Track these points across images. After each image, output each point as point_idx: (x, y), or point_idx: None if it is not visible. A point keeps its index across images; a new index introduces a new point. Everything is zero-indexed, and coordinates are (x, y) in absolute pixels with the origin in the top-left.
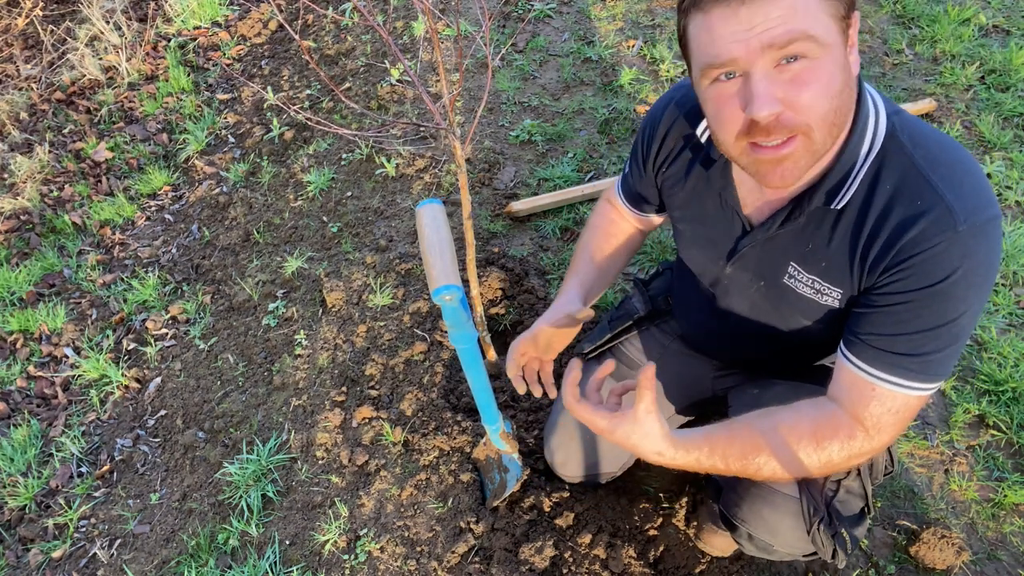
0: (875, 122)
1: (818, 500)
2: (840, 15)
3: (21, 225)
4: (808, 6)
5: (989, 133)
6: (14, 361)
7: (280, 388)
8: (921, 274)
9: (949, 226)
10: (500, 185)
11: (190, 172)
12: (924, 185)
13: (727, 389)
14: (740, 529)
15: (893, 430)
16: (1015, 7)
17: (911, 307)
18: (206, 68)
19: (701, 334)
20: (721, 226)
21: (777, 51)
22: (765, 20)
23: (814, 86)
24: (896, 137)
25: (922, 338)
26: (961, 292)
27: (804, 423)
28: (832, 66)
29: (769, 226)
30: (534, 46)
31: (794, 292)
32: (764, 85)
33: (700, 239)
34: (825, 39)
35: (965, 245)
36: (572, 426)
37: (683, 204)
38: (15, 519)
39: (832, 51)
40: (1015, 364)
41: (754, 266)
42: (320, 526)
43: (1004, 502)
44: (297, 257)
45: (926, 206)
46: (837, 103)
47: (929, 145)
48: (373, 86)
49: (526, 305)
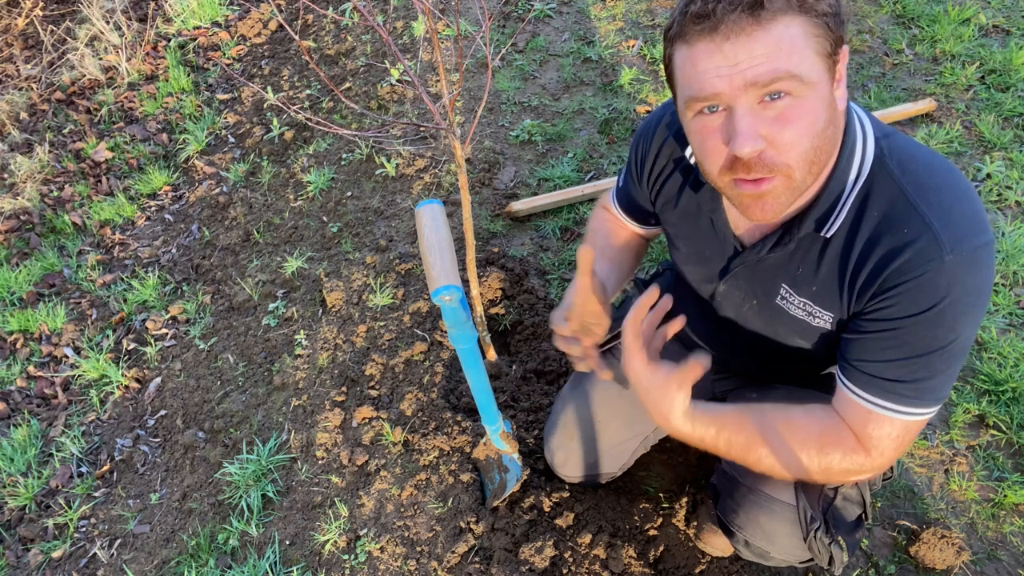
0: (863, 147)
1: (815, 507)
2: (826, 52)
3: (21, 225)
4: (793, 44)
5: (989, 133)
6: (14, 361)
7: (280, 388)
8: (908, 302)
9: (935, 255)
10: (500, 185)
11: (190, 172)
12: (911, 213)
13: (726, 392)
14: (737, 535)
15: (894, 453)
16: (1015, 7)
17: (899, 334)
18: (206, 68)
19: (699, 340)
20: (713, 245)
21: (760, 88)
22: (749, 57)
23: (797, 124)
24: (884, 162)
25: (913, 364)
26: (950, 320)
27: (813, 425)
28: (816, 104)
29: (760, 249)
30: (534, 46)
31: (787, 313)
32: (747, 122)
33: (693, 256)
34: (810, 77)
35: (952, 274)
36: (572, 426)
37: (676, 223)
38: (15, 519)
39: (817, 89)
40: (1015, 364)
41: (746, 285)
42: (320, 526)
43: (1004, 502)
44: (297, 257)
45: (913, 235)
46: (820, 141)
47: (918, 170)
48: (373, 86)
49: (526, 305)
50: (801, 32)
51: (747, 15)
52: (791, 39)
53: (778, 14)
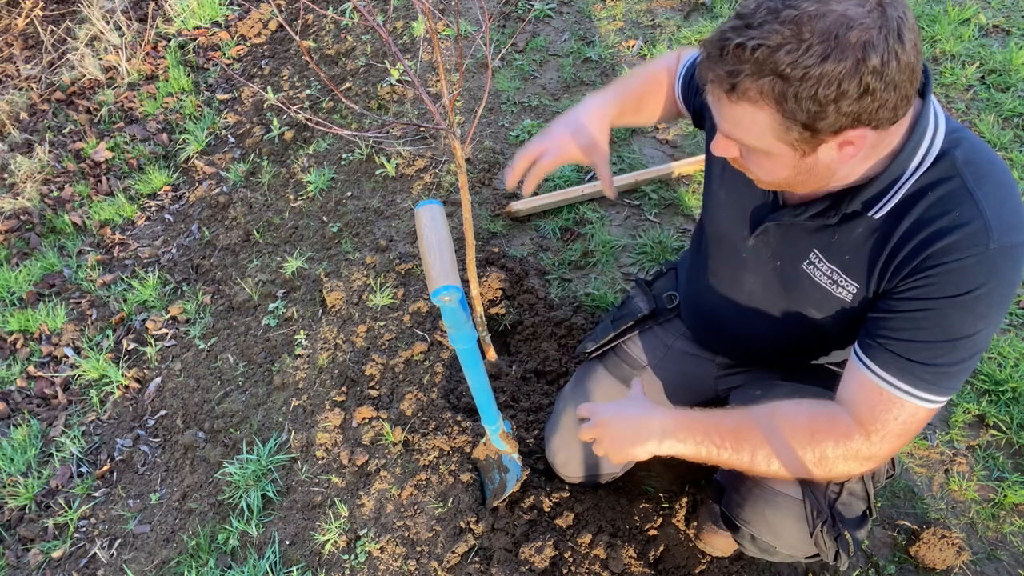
0: (931, 138)
1: (821, 502)
2: (793, 140)
3: (21, 225)
4: (753, 127)
5: (989, 133)
6: (14, 361)
7: (280, 388)
8: (946, 283)
9: (982, 241)
10: (500, 185)
11: (190, 172)
12: (967, 198)
13: (729, 390)
14: (743, 530)
15: (896, 440)
16: (1015, 7)
17: (932, 315)
18: (206, 68)
19: (703, 325)
20: (754, 193)
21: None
22: (720, 117)
23: (763, 168)
24: (950, 154)
25: (939, 348)
26: (983, 308)
27: (801, 416)
28: (773, 163)
29: (801, 212)
30: (534, 46)
31: (810, 279)
32: (722, 145)
33: (731, 203)
34: (771, 151)
35: (993, 263)
36: (574, 427)
37: (722, 165)
38: (15, 519)
39: (781, 158)
40: (1015, 364)
41: (776, 244)
42: (320, 526)
43: (1004, 502)
44: (297, 257)
45: (964, 219)
46: (800, 177)
47: (980, 162)
48: (373, 86)
49: (526, 305)
50: (767, 120)
51: (723, 89)
52: (751, 123)
53: (745, 101)
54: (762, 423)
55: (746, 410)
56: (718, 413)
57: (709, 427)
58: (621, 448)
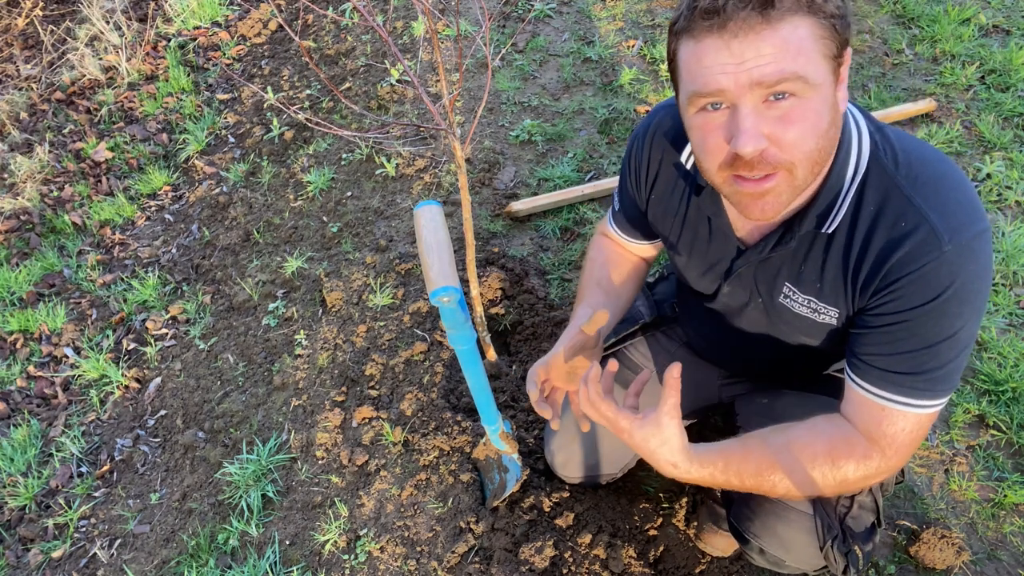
0: (858, 143)
1: (832, 517)
2: (832, 54)
3: (21, 225)
4: (801, 45)
5: (989, 133)
6: (14, 361)
7: (280, 388)
8: (911, 295)
9: (935, 247)
10: (500, 185)
11: (190, 172)
12: (907, 206)
13: (734, 396)
14: (752, 543)
15: (907, 450)
16: (1015, 7)
17: (906, 327)
18: (206, 68)
19: (705, 344)
20: (715, 248)
21: (766, 88)
22: (756, 56)
23: (801, 125)
24: (879, 157)
25: (922, 356)
26: (955, 308)
27: (820, 442)
28: (820, 105)
29: (762, 248)
30: (534, 46)
31: (790, 311)
32: (751, 121)
33: (695, 261)
34: (815, 79)
35: (953, 264)
36: (574, 428)
37: (675, 231)
38: (15, 519)
39: (821, 90)
40: (1015, 364)
41: (750, 285)
42: (320, 526)
43: (1004, 502)
44: (297, 257)
45: (910, 227)
46: (823, 142)
47: (911, 162)
48: (373, 86)
49: (526, 305)
50: (809, 33)
51: (756, 13)
52: (799, 40)
53: (787, 14)
54: (781, 457)
55: (762, 441)
56: (733, 446)
57: (729, 460)
58: (643, 452)
